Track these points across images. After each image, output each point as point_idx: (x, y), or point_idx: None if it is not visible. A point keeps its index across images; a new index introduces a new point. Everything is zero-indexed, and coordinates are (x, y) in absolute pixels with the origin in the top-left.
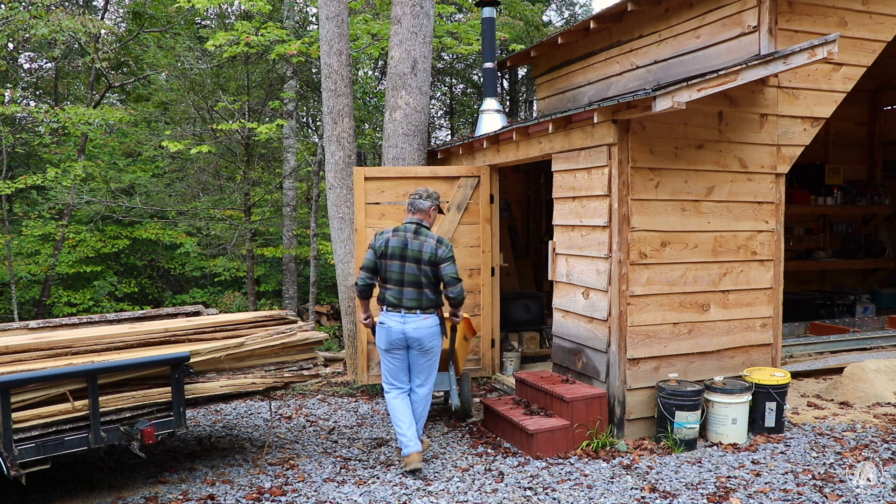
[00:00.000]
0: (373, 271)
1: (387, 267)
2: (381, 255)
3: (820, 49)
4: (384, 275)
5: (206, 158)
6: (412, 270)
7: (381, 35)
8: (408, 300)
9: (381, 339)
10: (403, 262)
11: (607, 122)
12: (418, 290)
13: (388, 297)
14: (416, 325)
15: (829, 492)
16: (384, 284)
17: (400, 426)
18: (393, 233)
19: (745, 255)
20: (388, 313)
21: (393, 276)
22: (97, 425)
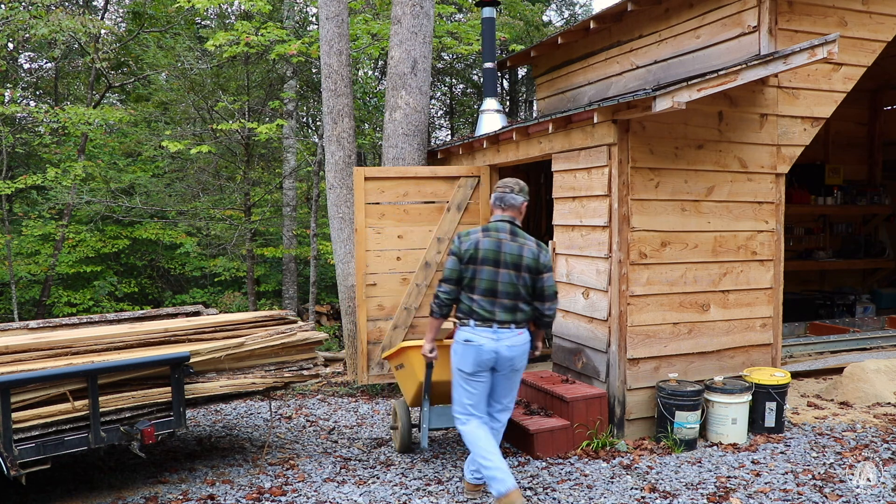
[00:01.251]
0: (458, 282)
1: (476, 274)
2: (469, 259)
3: (820, 49)
4: (470, 283)
5: (206, 158)
6: (508, 278)
7: (381, 35)
8: (501, 313)
9: (465, 361)
10: (497, 268)
11: (607, 122)
12: (514, 301)
13: (478, 310)
14: (511, 342)
15: (829, 492)
16: (470, 294)
17: (489, 458)
18: (483, 233)
19: (745, 255)
20: (477, 329)
21: (483, 285)
22: (97, 425)
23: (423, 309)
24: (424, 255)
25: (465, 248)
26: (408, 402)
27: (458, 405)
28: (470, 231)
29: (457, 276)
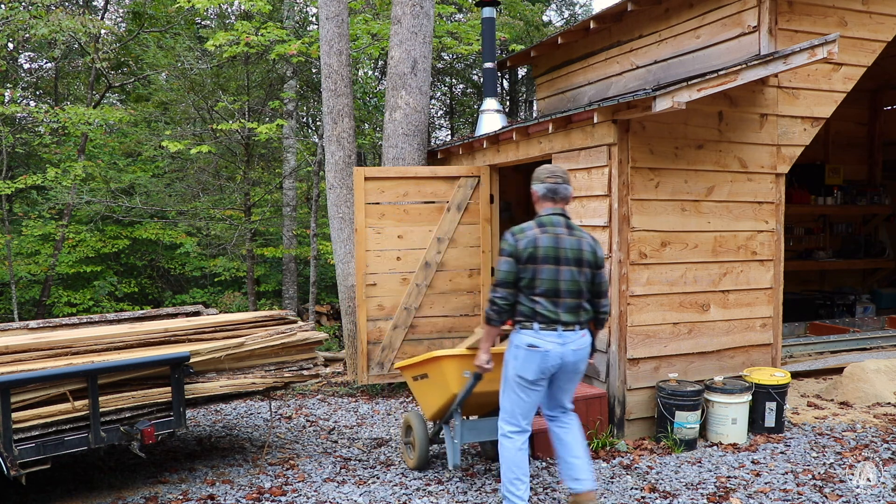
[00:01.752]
0: (515, 284)
1: (536, 274)
2: (528, 258)
3: (820, 49)
4: (530, 284)
5: (206, 158)
6: (570, 276)
7: (381, 35)
8: (565, 314)
9: (528, 368)
10: (558, 265)
11: (607, 122)
12: (577, 300)
13: (542, 312)
14: (577, 345)
15: (829, 492)
16: (530, 296)
17: (520, 486)
18: (539, 229)
19: (745, 255)
20: (541, 333)
21: (544, 286)
22: (97, 425)
23: (423, 309)
24: (424, 255)
25: (523, 246)
26: (427, 415)
27: (510, 416)
28: (523, 227)
29: (514, 278)
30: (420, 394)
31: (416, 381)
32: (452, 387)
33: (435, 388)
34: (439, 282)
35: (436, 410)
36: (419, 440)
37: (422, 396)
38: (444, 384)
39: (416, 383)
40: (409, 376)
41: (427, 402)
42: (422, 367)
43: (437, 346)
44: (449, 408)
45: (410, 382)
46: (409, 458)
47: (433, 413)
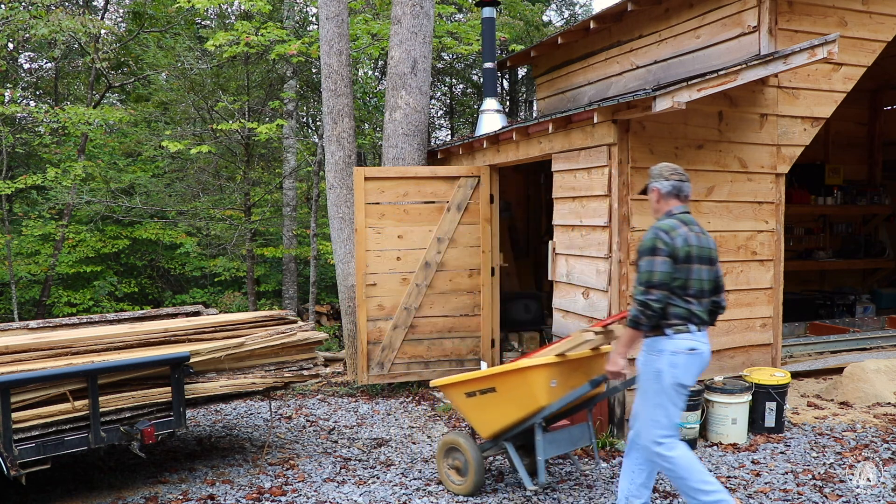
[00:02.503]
0: (669, 286)
1: (689, 273)
2: (684, 258)
3: (820, 49)
4: (684, 284)
5: (206, 158)
6: (708, 275)
7: (381, 35)
8: (704, 314)
9: (690, 373)
10: (701, 265)
11: (607, 122)
12: (709, 299)
13: (698, 313)
14: (709, 344)
15: (829, 492)
16: (684, 297)
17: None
18: (686, 227)
19: (745, 255)
20: (698, 335)
21: (696, 285)
22: (97, 425)
23: (423, 309)
24: (424, 255)
25: (679, 244)
26: (486, 433)
27: (661, 427)
28: (671, 224)
29: (670, 278)
30: (478, 410)
31: (473, 397)
32: (540, 399)
33: (507, 402)
34: (439, 282)
35: (502, 427)
36: (475, 463)
37: (481, 413)
38: (527, 397)
39: (473, 400)
40: (461, 392)
41: (490, 418)
42: (488, 381)
43: (437, 346)
44: (524, 423)
45: (460, 400)
46: (456, 483)
47: (497, 430)
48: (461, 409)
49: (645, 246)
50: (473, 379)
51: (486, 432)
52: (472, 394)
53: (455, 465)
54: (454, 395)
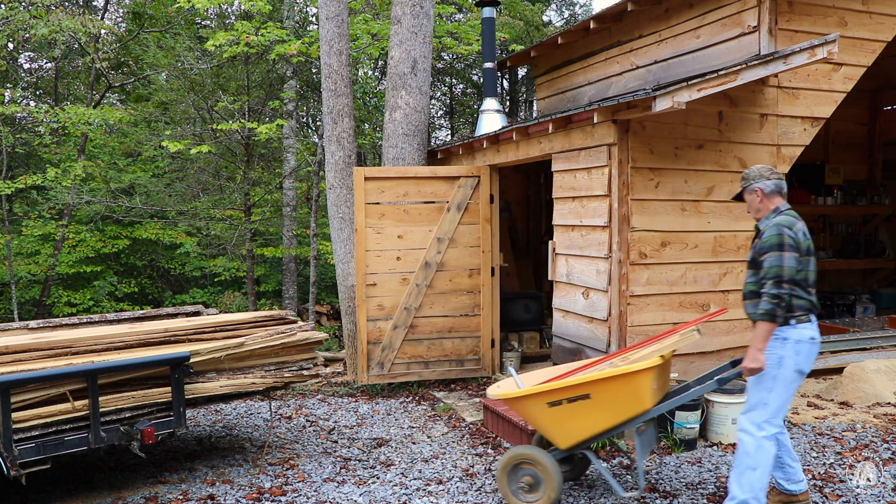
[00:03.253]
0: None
1: (808, 266)
2: (806, 251)
3: (820, 49)
4: (805, 275)
5: (206, 158)
6: (814, 266)
7: (381, 35)
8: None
9: (809, 361)
10: (812, 256)
11: (607, 122)
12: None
13: (815, 303)
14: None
15: (829, 492)
16: (807, 288)
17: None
18: (799, 221)
19: (745, 255)
20: (815, 324)
21: (812, 276)
22: (97, 425)
23: (423, 309)
24: (424, 255)
25: (801, 239)
26: (568, 442)
27: (769, 413)
28: (789, 220)
29: (796, 272)
30: (562, 419)
31: (557, 406)
32: (646, 402)
33: (604, 408)
34: (439, 282)
35: (592, 435)
36: (555, 476)
37: (565, 422)
38: (632, 401)
39: (558, 409)
40: (541, 403)
41: (577, 427)
42: (580, 389)
43: (437, 346)
44: (618, 428)
45: (539, 410)
46: (528, 501)
47: (584, 439)
48: (537, 420)
49: (772, 242)
50: (562, 388)
51: (569, 442)
52: (558, 402)
53: (526, 481)
54: (530, 406)
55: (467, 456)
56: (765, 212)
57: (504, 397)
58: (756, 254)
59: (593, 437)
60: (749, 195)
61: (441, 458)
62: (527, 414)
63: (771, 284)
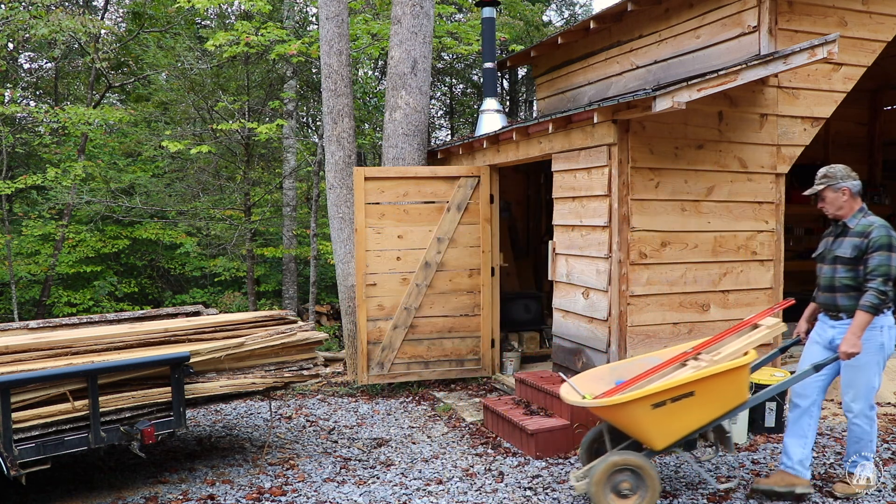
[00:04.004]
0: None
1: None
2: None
3: (820, 49)
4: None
5: (206, 158)
6: None
7: (381, 35)
8: None
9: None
10: None
11: (607, 122)
12: None
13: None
14: None
15: (829, 491)
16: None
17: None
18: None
19: (745, 255)
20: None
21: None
22: (97, 425)
23: (423, 309)
24: (424, 255)
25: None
26: (665, 442)
27: (874, 393)
28: (886, 222)
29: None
30: (663, 420)
31: (661, 406)
32: (745, 394)
33: (706, 404)
34: (439, 282)
35: (689, 432)
36: (655, 478)
37: (665, 422)
38: (734, 393)
39: (660, 410)
40: (646, 405)
41: (678, 425)
42: (686, 387)
43: (437, 346)
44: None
45: (641, 413)
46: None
47: (681, 437)
48: (637, 422)
49: (882, 242)
50: (669, 388)
51: (666, 441)
52: (661, 403)
53: (624, 487)
54: (633, 410)
55: (467, 456)
56: (849, 210)
57: (609, 404)
58: (858, 251)
59: (690, 433)
60: (833, 193)
61: (441, 458)
62: (625, 417)
63: (881, 281)
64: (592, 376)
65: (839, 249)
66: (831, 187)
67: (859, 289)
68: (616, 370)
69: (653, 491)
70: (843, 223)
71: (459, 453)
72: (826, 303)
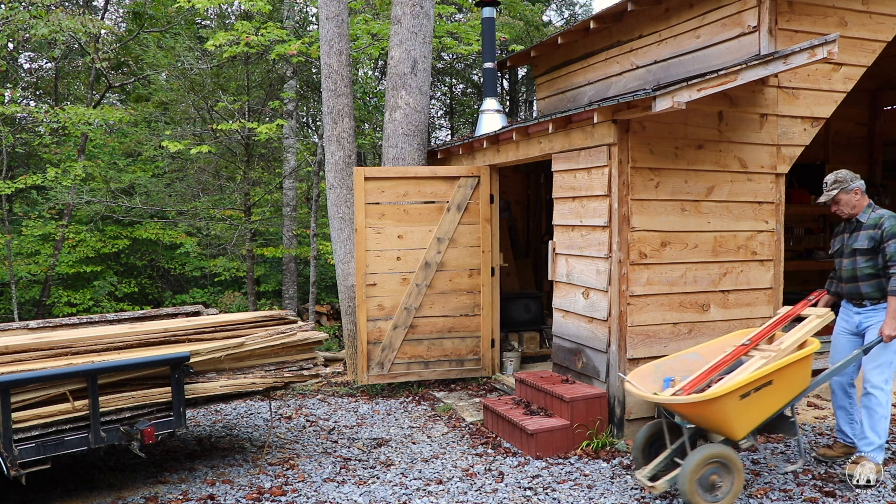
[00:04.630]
0: None
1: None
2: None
3: (820, 49)
4: None
5: (206, 158)
6: None
7: (381, 35)
8: None
9: None
10: None
11: (607, 122)
12: None
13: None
14: None
15: (829, 491)
16: None
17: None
18: None
19: (745, 255)
20: None
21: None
22: (97, 425)
23: (423, 309)
24: (424, 255)
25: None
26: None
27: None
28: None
29: None
30: (745, 410)
31: (747, 397)
32: (808, 379)
33: (780, 391)
34: (439, 282)
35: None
36: (741, 468)
37: (746, 412)
38: (802, 380)
39: (745, 400)
40: (735, 397)
41: (755, 414)
42: (766, 378)
43: (437, 346)
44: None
45: (730, 405)
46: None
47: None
48: (724, 415)
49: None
50: (755, 378)
51: (745, 431)
52: (747, 394)
53: (712, 480)
54: (724, 402)
55: (467, 456)
56: (860, 208)
57: (703, 399)
58: (874, 241)
59: (764, 421)
60: (847, 195)
61: (441, 458)
62: (713, 411)
63: None
64: (642, 375)
65: (856, 243)
66: (844, 190)
67: (879, 276)
68: (660, 368)
69: (739, 482)
70: (855, 219)
71: (459, 453)
72: (850, 292)
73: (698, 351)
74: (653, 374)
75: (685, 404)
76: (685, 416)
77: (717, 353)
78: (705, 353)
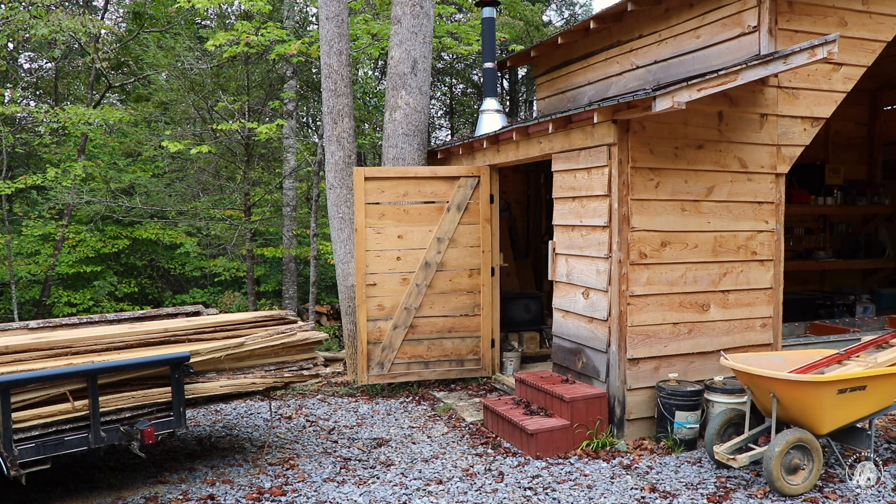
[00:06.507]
0: None
1: None
2: None
3: (820, 49)
4: None
5: (206, 158)
6: None
7: (381, 35)
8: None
9: None
10: None
11: (607, 122)
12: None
13: None
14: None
15: (829, 491)
16: None
17: None
18: None
19: (745, 255)
20: None
21: None
22: (97, 425)
23: (423, 309)
24: (424, 255)
25: None
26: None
27: None
28: None
29: None
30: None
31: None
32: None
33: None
34: (439, 282)
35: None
36: (821, 455)
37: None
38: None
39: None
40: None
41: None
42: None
43: (437, 346)
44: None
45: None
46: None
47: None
48: (818, 405)
49: None
50: (855, 377)
51: (830, 427)
52: (844, 391)
53: (794, 463)
54: (824, 391)
55: (467, 456)
56: None
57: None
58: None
59: (848, 423)
60: None
61: (441, 458)
62: (811, 397)
63: None
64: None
65: None
66: None
67: None
68: (749, 360)
69: (818, 467)
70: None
71: (459, 453)
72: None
73: (783, 355)
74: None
75: (799, 382)
76: (782, 399)
77: (802, 360)
78: (789, 358)
